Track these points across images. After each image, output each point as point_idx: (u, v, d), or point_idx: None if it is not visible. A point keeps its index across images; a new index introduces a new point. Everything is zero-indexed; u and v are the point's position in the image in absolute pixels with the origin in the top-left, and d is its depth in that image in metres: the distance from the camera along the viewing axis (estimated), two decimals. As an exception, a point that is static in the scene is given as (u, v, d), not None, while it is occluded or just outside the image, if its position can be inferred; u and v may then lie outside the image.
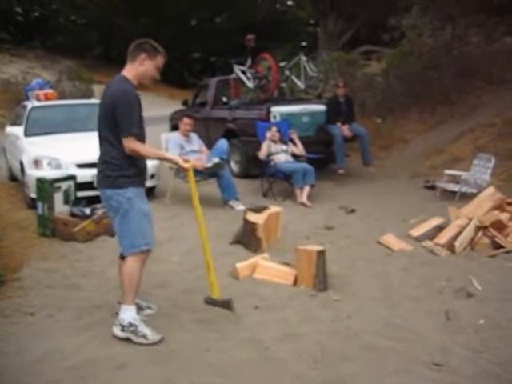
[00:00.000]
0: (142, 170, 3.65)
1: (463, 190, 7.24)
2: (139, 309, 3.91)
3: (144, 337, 3.51)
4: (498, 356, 3.31)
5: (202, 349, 3.45)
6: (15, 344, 3.53)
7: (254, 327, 3.77)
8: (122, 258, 3.68)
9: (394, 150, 10.95)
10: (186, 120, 7.61)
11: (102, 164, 3.59)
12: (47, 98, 8.89)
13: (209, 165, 7.16)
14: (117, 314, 3.64)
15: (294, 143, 8.14)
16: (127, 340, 3.53)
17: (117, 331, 3.56)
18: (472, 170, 7.61)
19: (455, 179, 7.60)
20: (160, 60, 3.60)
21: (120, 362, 3.25)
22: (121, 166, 3.49)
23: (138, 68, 3.54)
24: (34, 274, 4.89)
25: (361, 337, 3.59)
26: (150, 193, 7.99)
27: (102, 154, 3.59)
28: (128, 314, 3.56)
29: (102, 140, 3.58)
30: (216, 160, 7.19)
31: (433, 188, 7.95)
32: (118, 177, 3.49)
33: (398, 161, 10.26)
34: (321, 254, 4.36)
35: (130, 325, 3.53)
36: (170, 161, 3.80)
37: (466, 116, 10.72)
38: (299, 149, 8.08)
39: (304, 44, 8.49)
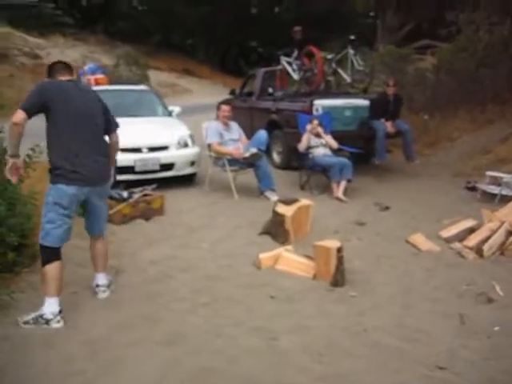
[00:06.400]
0: None
1: (503, 192, 7.01)
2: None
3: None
4: (507, 364, 3.26)
5: (213, 334, 3.54)
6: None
7: (267, 317, 3.84)
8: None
9: (440, 147, 10.68)
10: (223, 107, 7.68)
11: (105, 157, 4.03)
12: (97, 83, 9.19)
13: (246, 154, 7.26)
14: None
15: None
16: (145, 320, 3.67)
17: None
18: (516, 172, 7.37)
19: (497, 181, 7.38)
20: None
21: (131, 341, 3.39)
22: None
23: None
24: (67, 251, 5.08)
25: (369, 334, 3.60)
26: (191, 179, 8.18)
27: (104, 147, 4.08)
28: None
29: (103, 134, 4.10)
30: (254, 150, 7.26)
31: (474, 189, 7.73)
32: None
33: (443, 159, 10.02)
34: (338, 250, 4.37)
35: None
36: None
37: (518, 116, 10.36)
38: (330, 141, 7.90)
39: (352, 37, 8.30)
